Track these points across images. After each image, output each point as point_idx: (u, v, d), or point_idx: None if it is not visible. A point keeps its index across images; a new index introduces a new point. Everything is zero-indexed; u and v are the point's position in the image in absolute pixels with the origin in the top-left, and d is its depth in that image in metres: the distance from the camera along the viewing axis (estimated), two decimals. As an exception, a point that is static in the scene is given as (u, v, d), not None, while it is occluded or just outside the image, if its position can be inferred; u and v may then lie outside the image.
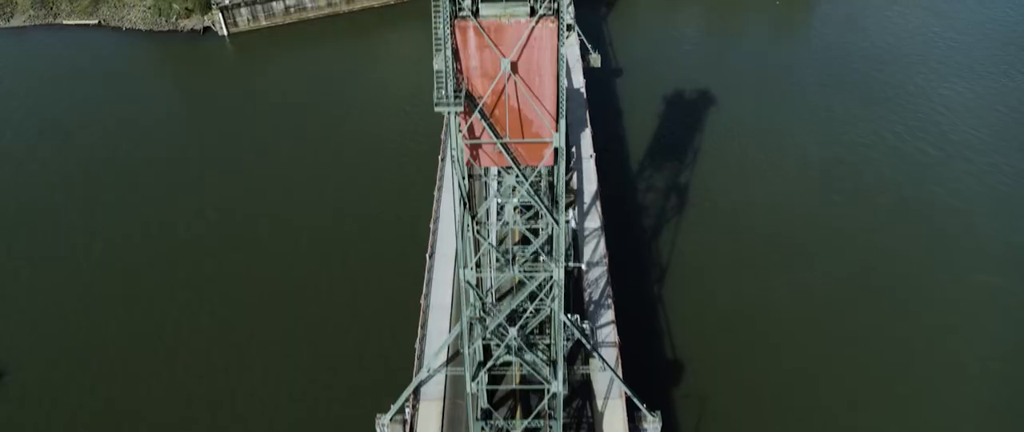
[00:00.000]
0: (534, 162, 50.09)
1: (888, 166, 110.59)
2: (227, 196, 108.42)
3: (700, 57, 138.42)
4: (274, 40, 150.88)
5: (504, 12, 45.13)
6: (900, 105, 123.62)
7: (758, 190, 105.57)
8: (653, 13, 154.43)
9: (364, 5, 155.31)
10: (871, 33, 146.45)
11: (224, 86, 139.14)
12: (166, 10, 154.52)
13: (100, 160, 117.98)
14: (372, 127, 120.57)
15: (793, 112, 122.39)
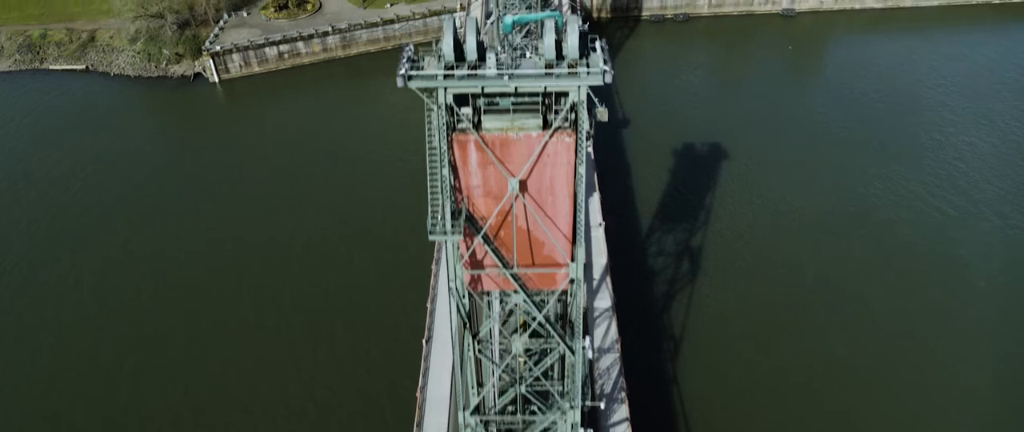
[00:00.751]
0: (546, 287, 44.11)
1: (908, 225, 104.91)
2: (211, 254, 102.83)
3: (709, 106, 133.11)
4: (267, 86, 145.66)
5: (511, 125, 39.36)
6: (918, 158, 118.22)
7: (773, 253, 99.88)
8: (660, 59, 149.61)
9: (360, 50, 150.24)
10: (884, 78, 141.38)
11: (214, 135, 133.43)
12: (156, 55, 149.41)
13: (87, 208, 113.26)
14: (367, 182, 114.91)
15: (807, 167, 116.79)
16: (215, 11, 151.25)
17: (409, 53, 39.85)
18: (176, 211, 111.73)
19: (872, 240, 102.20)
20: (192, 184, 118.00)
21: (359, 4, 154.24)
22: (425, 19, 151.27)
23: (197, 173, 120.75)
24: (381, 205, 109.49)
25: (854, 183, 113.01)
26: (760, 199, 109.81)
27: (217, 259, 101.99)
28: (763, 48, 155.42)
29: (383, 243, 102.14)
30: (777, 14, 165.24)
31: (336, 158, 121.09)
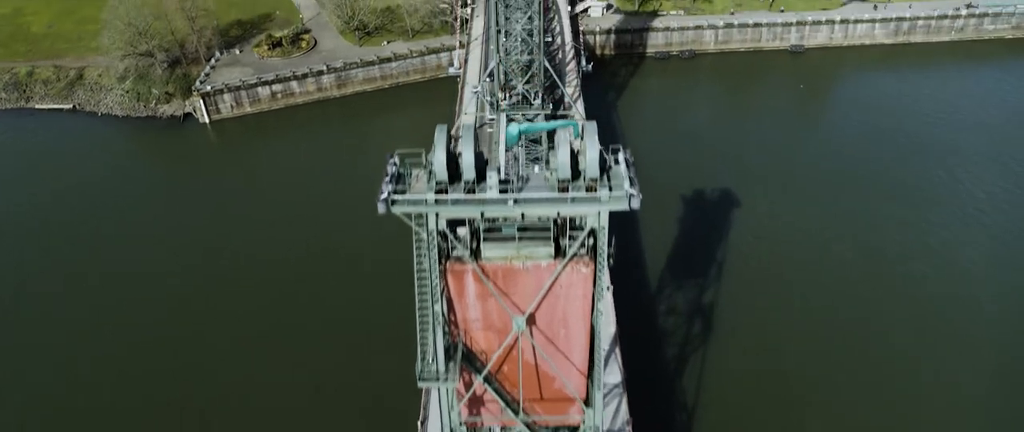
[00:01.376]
0: (556, 415, 38.64)
1: (936, 283, 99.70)
2: (195, 307, 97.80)
3: (717, 147, 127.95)
4: (259, 127, 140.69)
5: (517, 254, 33.83)
6: (936, 204, 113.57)
7: (789, 312, 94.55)
8: (665, 98, 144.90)
9: (356, 89, 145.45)
10: (897, 116, 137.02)
11: (203, 176, 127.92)
12: (145, 95, 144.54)
13: (73, 251, 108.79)
14: (362, 232, 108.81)
15: (821, 212, 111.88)
16: (206, 49, 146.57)
17: (393, 165, 33.93)
18: (163, 257, 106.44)
19: (895, 295, 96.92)
20: (180, 228, 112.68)
21: (355, 42, 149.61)
22: (423, 57, 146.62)
23: (185, 217, 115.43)
24: (377, 253, 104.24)
25: (871, 231, 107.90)
26: (773, 249, 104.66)
27: (206, 307, 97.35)
28: (772, 85, 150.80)
29: (378, 295, 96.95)
30: (785, 50, 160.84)
31: (330, 201, 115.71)
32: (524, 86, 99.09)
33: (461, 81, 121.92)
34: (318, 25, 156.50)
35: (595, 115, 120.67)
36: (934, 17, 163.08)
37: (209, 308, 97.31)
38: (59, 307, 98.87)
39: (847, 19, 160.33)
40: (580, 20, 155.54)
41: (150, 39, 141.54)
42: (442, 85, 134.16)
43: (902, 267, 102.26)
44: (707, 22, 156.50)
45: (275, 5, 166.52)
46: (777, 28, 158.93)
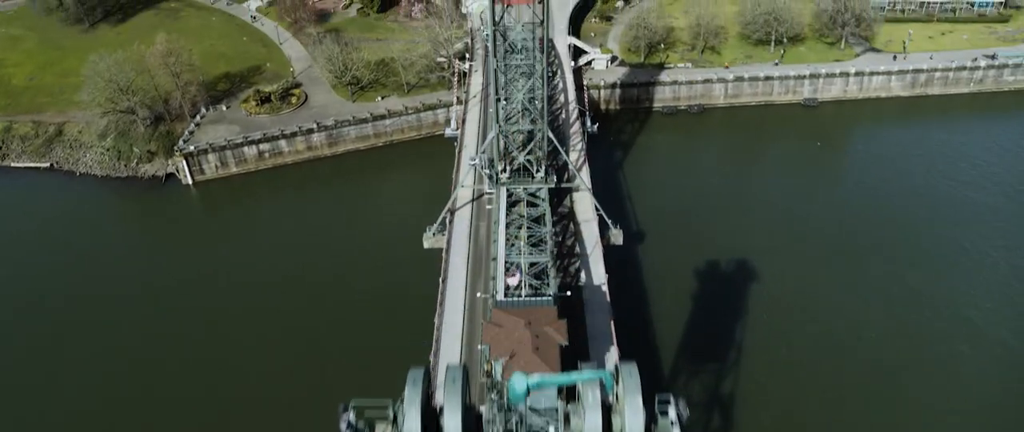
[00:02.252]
0: None
1: (968, 360, 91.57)
2: (178, 380, 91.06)
3: (730, 210, 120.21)
4: (245, 188, 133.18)
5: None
6: (965, 273, 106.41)
7: (811, 401, 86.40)
8: (674, 157, 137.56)
9: (348, 148, 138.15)
10: (918, 173, 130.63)
11: (185, 242, 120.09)
12: (126, 153, 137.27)
13: (43, 321, 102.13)
14: (357, 303, 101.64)
15: (842, 282, 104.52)
16: (191, 105, 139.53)
17: (347, 424, 24.52)
18: (139, 327, 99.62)
19: (928, 380, 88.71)
20: (158, 296, 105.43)
21: (348, 97, 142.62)
22: (419, 114, 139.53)
23: (164, 285, 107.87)
24: (369, 322, 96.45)
25: (898, 304, 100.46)
26: (793, 326, 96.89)
27: (188, 374, 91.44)
28: (785, 141, 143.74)
29: (371, 367, 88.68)
30: (798, 103, 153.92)
31: (319, 266, 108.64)
32: (525, 156, 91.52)
33: (458, 144, 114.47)
34: (309, 79, 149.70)
35: (601, 177, 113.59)
36: (952, 69, 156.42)
37: (190, 378, 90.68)
38: (29, 375, 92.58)
39: (862, 71, 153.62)
40: (584, 73, 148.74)
41: (132, 95, 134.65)
42: (439, 143, 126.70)
43: (934, 348, 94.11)
44: (716, 75, 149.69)
45: (266, 57, 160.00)
46: (789, 81, 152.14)
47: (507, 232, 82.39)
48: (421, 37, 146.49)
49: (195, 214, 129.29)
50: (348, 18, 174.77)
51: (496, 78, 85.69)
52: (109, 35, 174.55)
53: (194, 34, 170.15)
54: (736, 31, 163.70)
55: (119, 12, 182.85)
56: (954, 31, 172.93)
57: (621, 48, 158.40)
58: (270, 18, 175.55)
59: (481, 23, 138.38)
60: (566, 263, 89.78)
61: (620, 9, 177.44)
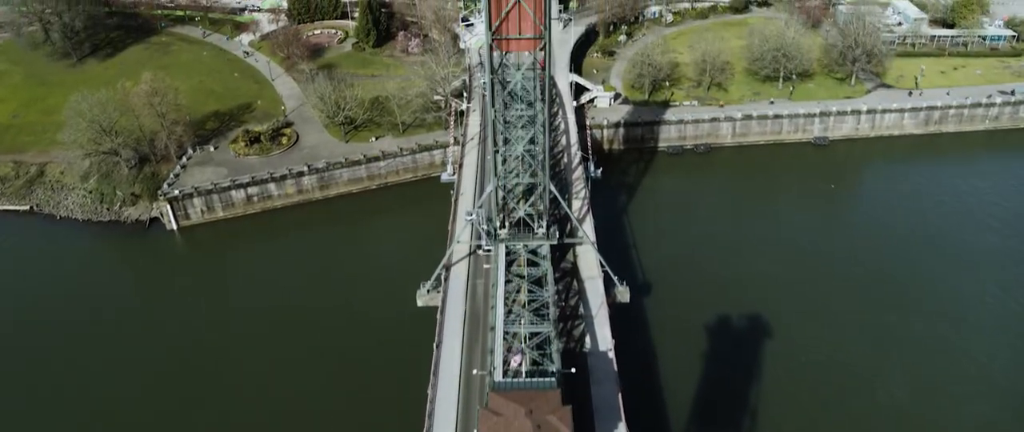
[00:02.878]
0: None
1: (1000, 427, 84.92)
2: None
3: (740, 259, 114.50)
4: (233, 233, 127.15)
5: None
6: (991, 329, 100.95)
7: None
8: (681, 200, 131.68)
9: (341, 191, 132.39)
10: (933, 216, 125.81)
11: (169, 292, 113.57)
12: (109, 196, 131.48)
13: (19, 372, 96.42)
14: (345, 366, 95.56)
15: (865, 343, 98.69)
16: (178, 146, 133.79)
17: None
18: (117, 380, 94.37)
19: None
20: (139, 347, 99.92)
21: (341, 137, 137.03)
22: (414, 155, 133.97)
23: (145, 335, 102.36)
24: (358, 388, 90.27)
25: (922, 361, 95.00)
26: (810, 387, 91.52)
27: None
28: (796, 183, 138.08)
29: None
30: (808, 142, 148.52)
31: (307, 321, 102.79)
32: (526, 211, 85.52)
33: (455, 191, 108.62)
34: (301, 118, 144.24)
35: (604, 224, 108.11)
36: (967, 105, 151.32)
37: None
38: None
39: (874, 109, 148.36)
40: (586, 111, 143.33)
41: (115, 136, 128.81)
42: (435, 185, 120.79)
43: (963, 409, 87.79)
44: (724, 114, 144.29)
45: (257, 94, 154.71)
46: (799, 119, 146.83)
47: (506, 297, 76.26)
48: (417, 74, 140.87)
49: (178, 262, 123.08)
50: (343, 53, 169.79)
51: (494, 128, 79.87)
52: (97, 70, 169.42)
53: (184, 69, 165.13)
54: (742, 66, 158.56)
55: (108, 46, 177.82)
56: (967, 66, 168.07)
57: (624, 85, 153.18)
58: (263, 53, 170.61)
59: (480, 58, 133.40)
60: (569, 326, 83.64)
61: (623, 44, 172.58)
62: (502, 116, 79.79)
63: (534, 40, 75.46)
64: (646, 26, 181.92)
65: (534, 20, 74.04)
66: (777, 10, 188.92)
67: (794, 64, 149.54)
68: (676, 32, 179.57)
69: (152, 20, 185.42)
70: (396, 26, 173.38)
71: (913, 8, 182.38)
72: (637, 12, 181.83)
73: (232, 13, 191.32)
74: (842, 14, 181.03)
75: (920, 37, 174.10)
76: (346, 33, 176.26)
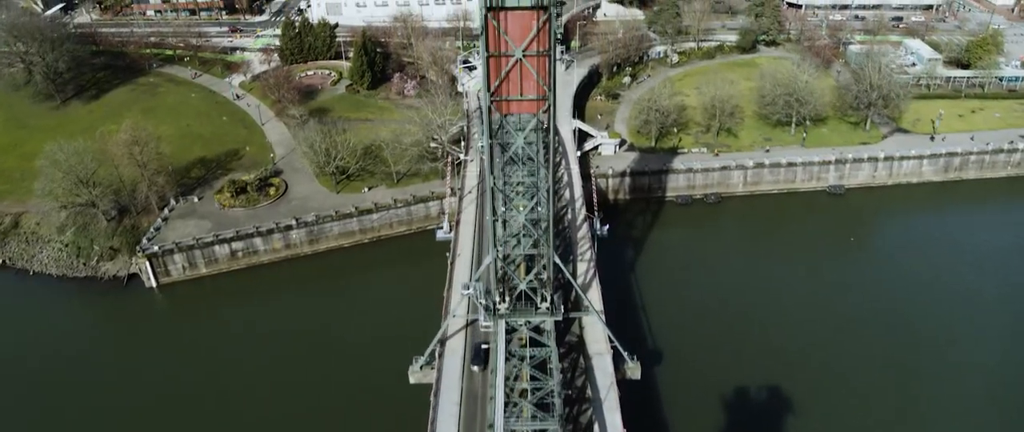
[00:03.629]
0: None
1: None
2: None
3: (755, 321, 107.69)
4: (216, 291, 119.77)
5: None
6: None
7: None
8: (691, 255, 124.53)
9: (331, 245, 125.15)
10: (959, 271, 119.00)
11: (146, 355, 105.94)
12: (86, 249, 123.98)
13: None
14: (336, 412, 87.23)
15: (893, 420, 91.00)
16: (159, 198, 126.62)
17: None
18: None
19: None
20: (111, 414, 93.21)
21: (332, 187, 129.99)
22: (409, 207, 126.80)
23: (118, 401, 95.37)
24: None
25: None
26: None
27: None
28: (812, 236, 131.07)
29: None
30: (823, 191, 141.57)
31: (293, 389, 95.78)
32: (528, 284, 78.02)
33: (451, 253, 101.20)
34: (291, 167, 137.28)
35: (611, 285, 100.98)
36: (988, 151, 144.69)
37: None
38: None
39: (892, 156, 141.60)
40: (590, 159, 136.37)
41: (93, 188, 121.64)
42: (430, 239, 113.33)
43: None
44: (735, 162, 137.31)
45: (246, 139, 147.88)
46: (813, 167, 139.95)
47: (506, 383, 68.59)
48: (413, 119, 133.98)
49: (156, 322, 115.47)
50: (336, 95, 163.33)
51: (493, 195, 72.62)
52: (81, 113, 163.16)
53: (171, 112, 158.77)
54: (752, 110, 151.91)
55: (93, 87, 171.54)
56: (985, 108, 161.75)
57: (630, 131, 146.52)
58: (254, 94, 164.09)
59: (479, 103, 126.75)
60: (576, 411, 75.84)
61: (627, 86, 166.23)
62: (502, 182, 72.56)
63: (537, 101, 68.43)
64: (651, 67, 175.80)
65: (537, 80, 67.06)
66: (785, 50, 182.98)
67: (807, 109, 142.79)
68: (682, 73, 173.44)
69: (140, 60, 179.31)
70: (392, 67, 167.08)
71: (927, 48, 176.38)
72: (641, 52, 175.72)
73: (223, 52, 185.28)
74: (853, 54, 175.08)
75: (935, 79, 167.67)
76: (340, 74, 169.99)
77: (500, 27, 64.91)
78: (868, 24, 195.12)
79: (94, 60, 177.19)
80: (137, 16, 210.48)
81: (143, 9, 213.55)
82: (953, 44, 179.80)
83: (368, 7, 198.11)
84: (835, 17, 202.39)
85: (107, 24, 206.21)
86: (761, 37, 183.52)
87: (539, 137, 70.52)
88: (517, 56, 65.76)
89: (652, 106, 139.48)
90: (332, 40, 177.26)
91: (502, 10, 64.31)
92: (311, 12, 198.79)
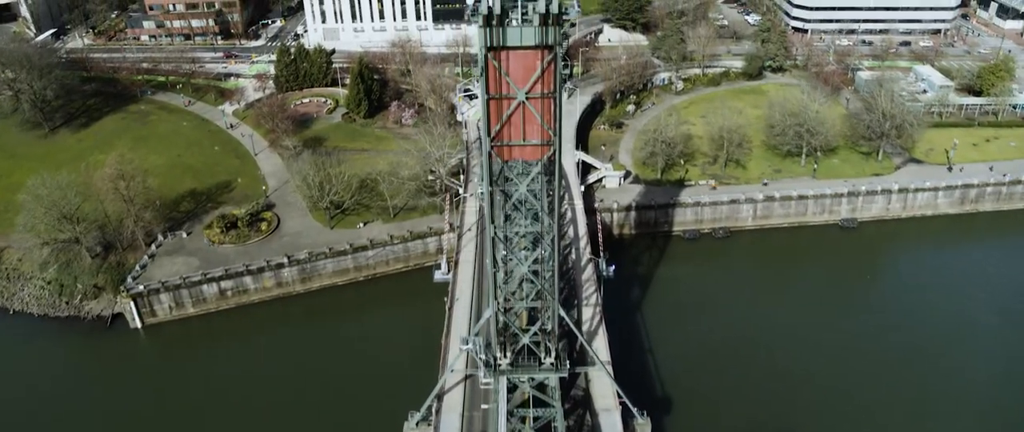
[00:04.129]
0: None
1: None
2: None
3: (769, 366, 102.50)
4: (204, 332, 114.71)
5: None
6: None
7: None
8: (700, 293, 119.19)
9: (324, 283, 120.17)
10: (981, 310, 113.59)
11: (128, 399, 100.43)
12: (69, 287, 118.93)
13: None
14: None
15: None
16: (146, 234, 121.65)
17: None
18: None
19: None
20: None
21: (326, 223, 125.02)
22: (405, 243, 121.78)
23: None
24: None
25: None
26: None
27: None
28: (824, 271, 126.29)
29: None
30: (835, 224, 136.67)
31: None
32: (531, 338, 72.87)
33: (449, 297, 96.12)
34: (283, 200, 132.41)
35: (617, 329, 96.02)
36: (1005, 183, 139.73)
37: None
38: None
39: (906, 187, 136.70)
40: (594, 193, 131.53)
41: (77, 223, 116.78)
42: (428, 277, 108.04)
43: None
44: (744, 195, 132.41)
45: (238, 170, 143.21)
46: (825, 200, 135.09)
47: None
48: (410, 151, 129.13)
49: (141, 364, 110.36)
50: (332, 124, 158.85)
51: (493, 245, 67.62)
52: (70, 141, 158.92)
53: (162, 141, 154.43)
54: (761, 140, 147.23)
55: (83, 115, 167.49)
56: (999, 137, 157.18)
57: (635, 162, 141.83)
58: (248, 123, 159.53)
59: (478, 132, 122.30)
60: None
61: (631, 114, 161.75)
62: (503, 231, 67.58)
63: (542, 146, 63.59)
64: (655, 94, 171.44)
65: (542, 124, 62.27)
66: (792, 76, 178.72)
67: (818, 140, 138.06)
68: (687, 100, 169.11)
69: (132, 87, 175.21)
70: (389, 95, 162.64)
71: (937, 75, 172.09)
72: (646, 79, 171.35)
73: (217, 79, 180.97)
74: (862, 80, 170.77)
75: (947, 106, 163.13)
76: (336, 102, 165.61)
77: (501, 67, 60.20)
78: (876, 49, 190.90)
79: (85, 87, 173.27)
80: (131, 41, 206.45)
81: (137, 34, 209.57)
82: (964, 70, 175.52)
83: (366, 32, 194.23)
84: (842, 42, 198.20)
85: (100, 49, 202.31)
86: (767, 63, 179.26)
87: (543, 184, 65.60)
88: (520, 98, 61.02)
89: (658, 137, 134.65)
90: (328, 66, 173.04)
91: (503, 49, 59.60)
92: (307, 37, 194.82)
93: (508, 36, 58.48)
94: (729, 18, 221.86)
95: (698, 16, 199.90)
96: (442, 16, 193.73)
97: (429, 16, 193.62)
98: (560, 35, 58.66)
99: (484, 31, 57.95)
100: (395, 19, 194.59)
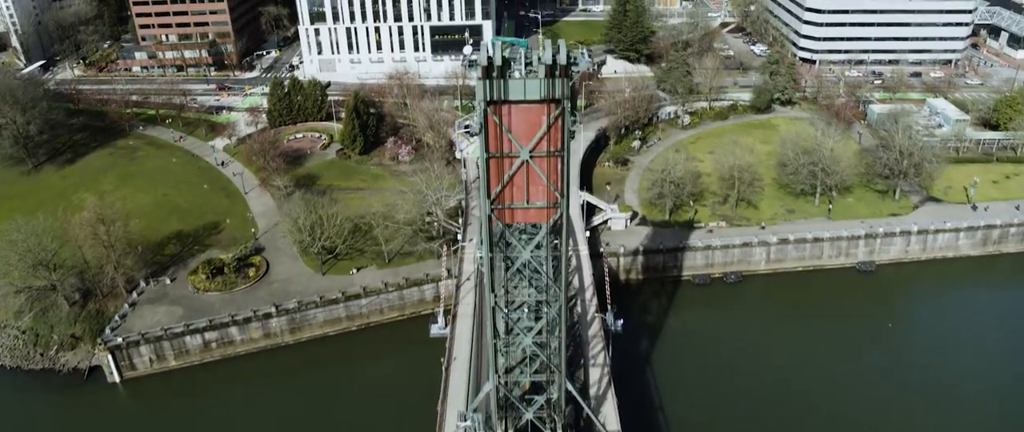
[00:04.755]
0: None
1: None
2: None
3: (786, 426, 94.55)
4: (187, 386, 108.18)
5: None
6: None
7: None
8: (710, 347, 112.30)
9: (315, 333, 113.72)
10: (1008, 365, 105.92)
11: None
12: (45, 337, 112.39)
13: None
14: None
15: None
16: (127, 280, 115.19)
17: None
18: None
19: None
20: None
21: (317, 269, 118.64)
22: (401, 291, 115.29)
23: None
24: None
25: None
26: None
27: None
28: (842, 318, 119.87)
29: None
30: (852, 268, 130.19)
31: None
32: (535, 413, 66.23)
33: (447, 356, 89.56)
34: (273, 244, 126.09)
35: (624, 378, 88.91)
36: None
37: None
38: None
39: (926, 229, 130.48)
40: (599, 236, 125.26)
41: (53, 271, 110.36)
42: (425, 326, 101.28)
43: None
44: (757, 238, 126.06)
45: (227, 211, 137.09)
46: (842, 242, 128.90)
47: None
48: (406, 193, 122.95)
49: (119, 421, 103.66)
50: (326, 161, 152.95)
51: (493, 315, 61.17)
52: (53, 179, 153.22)
53: (149, 179, 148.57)
54: (772, 177, 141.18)
55: (69, 150, 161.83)
56: (1020, 174, 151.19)
57: (642, 203, 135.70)
58: (239, 159, 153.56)
59: (478, 170, 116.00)
60: None
61: (637, 149, 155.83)
62: (504, 301, 61.19)
63: (547, 209, 57.37)
64: (661, 129, 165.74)
65: (548, 185, 56.09)
66: (802, 109, 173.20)
67: (834, 179, 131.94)
68: (694, 135, 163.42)
69: (120, 121, 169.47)
70: (385, 130, 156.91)
71: (952, 108, 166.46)
72: (651, 113, 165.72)
73: (208, 112, 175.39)
74: (874, 114, 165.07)
75: (964, 141, 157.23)
76: (330, 137, 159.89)
77: (503, 123, 54.18)
78: (887, 82, 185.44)
79: (71, 121, 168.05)
80: (122, 72, 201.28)
81: (129, 65, 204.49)
82: (979, 103, 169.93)
83: (363, 63, 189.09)
84: (852, 74, 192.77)
85: (90, 80, 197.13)
86: (776, 96, 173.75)
87: (549, 248, 59.28)
88: (523, 157, 54.98)
89: (666, 177, 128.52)
90: (323, 100, 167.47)
91: (505, 103, 53.59)
92: (303, 69, 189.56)
93: (510, 89, 52.64)
94: (735, 49, 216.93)
95: (703, 47, 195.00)
96: (441, 47, 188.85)
97: (428, 47, 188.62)
98: (568, 88, 52.66)
99: (484, 83, 52.01)
100: (393, 50, 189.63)
